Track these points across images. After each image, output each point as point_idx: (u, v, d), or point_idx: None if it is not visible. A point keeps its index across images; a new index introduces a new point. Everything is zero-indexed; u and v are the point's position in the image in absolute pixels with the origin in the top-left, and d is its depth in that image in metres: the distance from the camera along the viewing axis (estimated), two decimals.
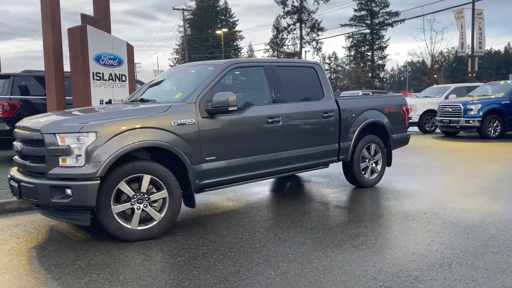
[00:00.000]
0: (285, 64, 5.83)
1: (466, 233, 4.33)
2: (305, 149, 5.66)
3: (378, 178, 6.72)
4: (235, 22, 71.62)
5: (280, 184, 7.11)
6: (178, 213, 4.49)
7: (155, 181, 4.35)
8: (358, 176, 6.44)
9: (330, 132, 5.98)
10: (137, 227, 4.29)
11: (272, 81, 5.43)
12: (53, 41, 7.53)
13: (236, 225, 4.77)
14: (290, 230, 4.56)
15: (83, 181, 4.01)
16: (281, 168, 5.45)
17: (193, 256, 3.87)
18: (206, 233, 4.51)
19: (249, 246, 4.09)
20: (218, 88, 4.92)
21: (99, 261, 3.79)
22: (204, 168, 4.70)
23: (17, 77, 8.97)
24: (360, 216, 5.04)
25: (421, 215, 4.98)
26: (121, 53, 8.03)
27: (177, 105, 4.69)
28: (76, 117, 4.35)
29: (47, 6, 7.48)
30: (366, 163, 6.56)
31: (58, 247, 4.17)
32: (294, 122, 5.53)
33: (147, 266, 3.65)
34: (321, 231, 4.49)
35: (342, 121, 6.11)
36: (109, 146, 4.08)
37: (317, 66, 6.10)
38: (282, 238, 4.30)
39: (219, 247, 4.09)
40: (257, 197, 6.15)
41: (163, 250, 4.07)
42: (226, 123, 4.88)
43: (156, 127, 4.38)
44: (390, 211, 5.23)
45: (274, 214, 5.22)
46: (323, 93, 6.00)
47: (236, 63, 5.24)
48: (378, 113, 6.67)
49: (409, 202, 5.65)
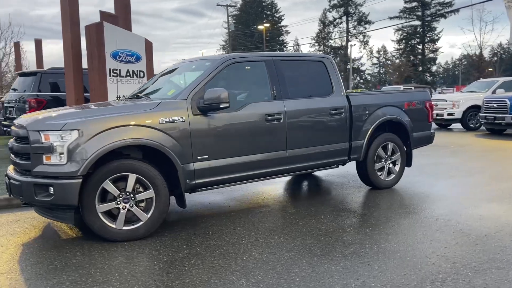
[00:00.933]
0: (290, 58, 5.54)
1: (475, 245, 3.90)
2: (311, 148, 5.36)
3: (396, 179, 6.29)
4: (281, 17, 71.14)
5: (293, 183, 6.83)
6: (165, 214, 4.35)
7: (142, 180, 4.23)
8: (372, 177, 6.05)
9: (340, 130, 5.63)
10: (123, 227, 4.19)
11: (274, 77, 5.16)
12: (72, 38, 7.62)
13: (229, 227, 4.57)
14: (282, 234, 4.30)
15: (64, 180, 3.95)
16: (284, 168, 5.18)
17: (171, 260, 3.71)
18: (194, 235, 4.34)
19: (232, 251, 3.88)
20: (214, 85, 4.73)
21: (76, 262, 3.72)
22: (196, 167, 4.53)
23: (44, 74, 9.22)
24: (364, 221, 4.69)
25: (431, 222, 4.56)
26: (139, 50, 8.03)
27: (166, 102, 4.55)
28: (63, 115, 4.30)
29: (66, 4, 7.58)
30: (382, 163, 6.15)
31: (44, 246, 4.15)
32: (297, 120, 5.24)
33: (120, 269, 3.53)
34: (314, 237, 4.20)
35: (353, 118, 5.74)
36: (91, 144, 4.00)
37: (326, 60, 5.76)
38: (270, 244, 4.05)
39: (202, 251, 3.91)
40: (263, 197, 5.92)
41: (144, 252, 3.94)
42: (220, 121, 4.68)
43: (142, 125, 4.25)
44: (399, 216, 4.84)
45: (273, 216, 4.97)
46: (332, 89, 5.66)
47: (234, 57, 5.02)
48: (396, 110, 6.23)
49: (423, 206, 5.21)
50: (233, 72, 5.06)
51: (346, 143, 5.70)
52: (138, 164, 4.21)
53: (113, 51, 7.63)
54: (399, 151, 6.28)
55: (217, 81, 4.81)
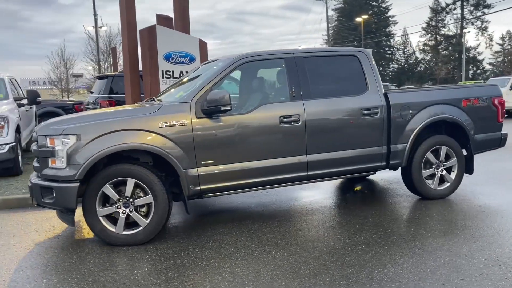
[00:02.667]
0: (315, 55, 5.07)
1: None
2: (336, 152, 4.86)
3: (451, 188, 5.45)
4: (388, 7, 67.55)
5: (340, 189, 6.30)
6: (164, 220, 4.24)
7: (141, 185, 4.18)
8: (418, 185, 5.31)
9: (374, 132, 5.02)
10: (122, 231, 4.19)
11: (294, 75, 4.76)
12: (128, 42, 7.94)
13: (233, 237, 4.31)
14: (282, 249, 3.93)
15: (63, 183, 4.05)
16: (303, 174, 4.76)
17: (150, 271, 3.59)
18: (193, 244, 4.17)
19: (217, 265, 3.63)
20: (223, 86, 4.50)
21: (67, 265, 3.78)
22: (200, 172, 4.36)
23: (115, 78, 9.77)
24: (383, 239, 4.09)
25: (472, 253, 3.82)
26: (193, 50, 8.07)
27: (169, 105, 4.44)
28: (68, 119, 4.41)
29: (124, 10, 7.92)
30: (432, 169, 5.37)
31: (47, 248, 4.30)
32: (319, 122, 4.78)
33: (93, 277, 3.49)
34: (314, 254, 3.76)
35: (392, 118, 5.08)
36: (89, 149, 4.04)
37: (361, 54, 5.16)
38: (262, 259, 3.72)
39: (188, 262, 3.73)
40: (291, 204, 5.53)
41: (133, 259, 3.87)
42: (227, 124, 4.44)
43: (142, 129, 4.19)
44: (430, 235, 4.15)
45: (287, 227, 4.59)
46: (366, 86, 5.06)
47: (247, 56, 4.71)
48: (450, 109, 5.39)
49: (470, 226, 4.42)
50: (247, 72, 4.78)
51: (382, 147, 5.07)
52: (136, 169, 4.16)
53: (166, 53, 7.77)
54: (455, 156, 5.43)
55: (230, 81, 4.57)
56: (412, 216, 4.78)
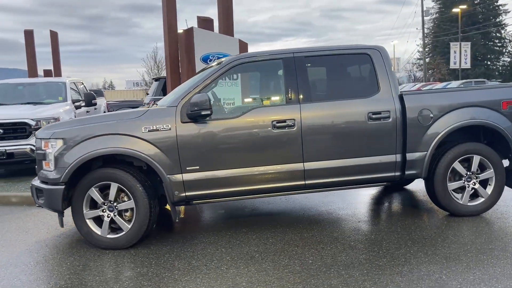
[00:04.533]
0: (319, 54, 4.64)
1: None
2: (339, 161, 4.42)
3: (486, 204, 4.69)
4: None
5: (367, 199, 5.77)
6: (146, 226, 4.18)
7: (124, 190, 4.19)
8: (443, 199, 4.65)
9: (384, 139, 4.48)
10: (107, 235, 4.23)
11: (292, 77, 4.42)
12: (169, 45, 8.09)
13: (211, 248, 4.11)
14: (252, 265, 3.66)
15: (51, 185, 4.20)
16: (300, 184, 4.40)
17: (116, 278, 3.56)
18: (170, 252, 4.06)
19: (176, 278, 3.49)
20: (214, 90, 4.34)
21: (42, 265, 3.91)
22: (185, 178, 4.24)
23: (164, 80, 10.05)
24: (370, 260, 3.61)
25: (453, 285, 3.23)
26: (232, 51, 7.97)
27: (154, 110, 4.38)
28: (59, 124, 4.56)
29: (165, 13, 8.08)
30: (461, 182, 4.67)
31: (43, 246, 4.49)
32: (318, 127, 4.39)
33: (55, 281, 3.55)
34: (278, 275, 3.44)
35: (408, 123, 4.50)
36: (73, 153, 4.14)
37: (374, 52, 4.62)
38: (223, 275, 3.49)
39: (151, 272, 3.63)
40: (300, 213, 5.17)
41: (104, 264, 3.87)
42: (214, 129, 4.26)
43: (125, 134, 4.18)
44: (428, 260, 3.58)
45: (275, 239, 4.26)
46: (378, 87, 4.54)
47: (241, 58, 4.47)
48: (486, 112, 4.63)
49: (490, 249, 3.74)
50: (241, 74, 4.54)
51: (396, 155, 4.51)
52: (119, 173, 4.17)
53: (204, 55, 7.79)
54: (492, 167, 4.65)
55: (221, 85, 4.39)
56: (423, 235, 4.18)
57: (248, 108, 4.39)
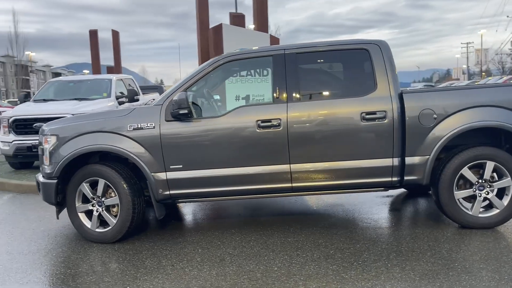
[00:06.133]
0: (313, 50, 4.37)
1: None
2: (328, 163, 4.17)
3: (502, 216, 4.17)
4: None
5: (374, 204, 5.40)
6: (129, 223, 4.24)
7: (111, 186, 4.30)
8: (449, 209, 4.20)
9: (379, 141, 4.15)
10: (96, 229, 4.37)
11: (280, 75, 4.23)
12: (201, 42, 8.18)
13: (186, 248, 4.08)
14: (212, 268, 3.58)
15: (46, 179, 4.42)
16: (287, 186, 4.22)
17: (85, 271, 3.67)
18: (140, 251, 4.09)
19: (145, 278, 3.51)
20: (200, 88, 4.30)
21: (31, 255, 4.13)
22: (169, 177, 4.25)
23: None
24: (335, 271, 3.37)
25: None
26: None
27: (140, 108, 4.42)
28: (58, 121, 4.75)
29: (198, 10, 8.18)
30: (471, 190, 4.19)
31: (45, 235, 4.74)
32: (306, 127, 4.17)
33: (31, 271, 3.73)
34: (231, 282, 3.32)
35: (407, 125, 4.12)
36: (64, 149, 4.32)
37: (373, 47, 4.27)
38: (167, 277, 3.45)
39: (127, 269, 3.69)
40: (304, 215, 4.96)
41: (83, 257, 4.01)
42: (197, 128, 4.22)
43: (111, 131, 4.28)
44: (407, 278, 3.26)
45: (258, 242, 4.12)
46: (375, 85, 4.20)
47: (229, 56, 4.36)
48: (502, 113, 4.10)
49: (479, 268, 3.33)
50: (230, 72, 4.44)
51: (393, 158, 4.15)
52: (105, 170, 4.28)
53: None
54: (509, 175, 4.12)
55: (206, 83, 4.34)
56: (413, 247, 3.79)
57: (232, 107, 4.29)
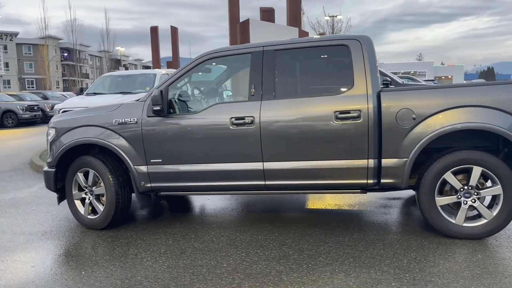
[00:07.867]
0: (291, 47, 4.25)
1: None
2: (300, 162, 4.09)
3: (489, 227, 3.80)
4: None
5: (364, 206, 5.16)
6: (113, 212, 4.51)
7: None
8: (429, 216, 3.92)
9: (353, 141, 3.95)
10: (88, 216, 4.71)
11: (257, 72, 4.21)
12: (231, 37, 8.29)
13: (165, 240, 4.24)
14: (181, 259, 3.70)
15: (47, 168, 4.84)
16: (260, 183, 4.20)
17: (60, 254, 3.99)
18: (128, 238, 4.33)
19: (102, 265, 3.75)
20: (184, 85, 4.43)
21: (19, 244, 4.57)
22: (150, 170, 4.45)
23: None
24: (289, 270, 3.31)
25: None
26: None
27: (126, 104, 4.63)
28: (65, 113, 5.13)
29: (229, 7, 8.29)
30: (454, 197, 3.87)
31: (53, 218, 5.19)
32: (278, 125, 4.10)
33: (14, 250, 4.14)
34: (193, 273, 3.42)
35: (384, 125, 3.90)
36: (61, 141, 4.71)
37: (354, 42, 4.05)
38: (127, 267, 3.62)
39: (90, 255, 3.96)
40: (301, 212, 4.89)
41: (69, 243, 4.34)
42: (174, 123, 4.35)
43: (99, 126, 4.57)
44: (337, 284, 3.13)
45: (229, 239, 4.17)
46: (352, 83, 4.01)
47: (210, 53, 4.40)
48: (492, 113, 3.71)
49: None
50: (211, 69, 4.49)
51: (368, 160, 3.94)
52: (93, 162, 4.58)
53: None
54: (499, 182, 3.74)
55: (187, 81, 4.45)
56: (375, 253, 3.60)
57: (208, 104, 4.36)
